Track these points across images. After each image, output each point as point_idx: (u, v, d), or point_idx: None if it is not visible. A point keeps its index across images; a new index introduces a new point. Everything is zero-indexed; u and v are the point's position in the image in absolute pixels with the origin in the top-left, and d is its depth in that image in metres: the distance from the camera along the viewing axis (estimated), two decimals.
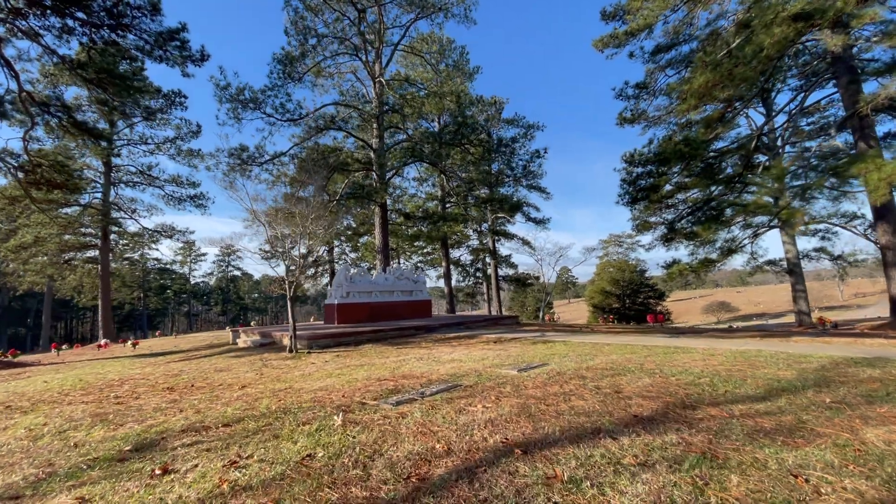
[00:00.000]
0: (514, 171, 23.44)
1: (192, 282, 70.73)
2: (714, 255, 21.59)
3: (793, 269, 23.36)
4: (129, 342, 16.68)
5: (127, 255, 50.84)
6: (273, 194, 14.19)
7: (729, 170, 20.52)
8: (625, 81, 19.96)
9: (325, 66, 20.15)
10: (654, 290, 45.33)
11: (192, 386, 6.26)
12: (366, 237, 33.01)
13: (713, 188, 19.12)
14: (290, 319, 8.65)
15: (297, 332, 10.70)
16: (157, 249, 54.99)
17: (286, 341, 10.30)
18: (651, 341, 8.74)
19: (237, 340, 12.26)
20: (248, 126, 47.91)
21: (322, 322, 16.11)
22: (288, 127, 19.20)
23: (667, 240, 23.34)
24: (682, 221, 23.13)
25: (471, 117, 21.80)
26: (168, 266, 62.69)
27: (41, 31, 15.44)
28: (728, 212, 17.55)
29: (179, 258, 64.52)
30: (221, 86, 16.11)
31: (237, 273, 74.54)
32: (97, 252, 27.51)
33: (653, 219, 24.11)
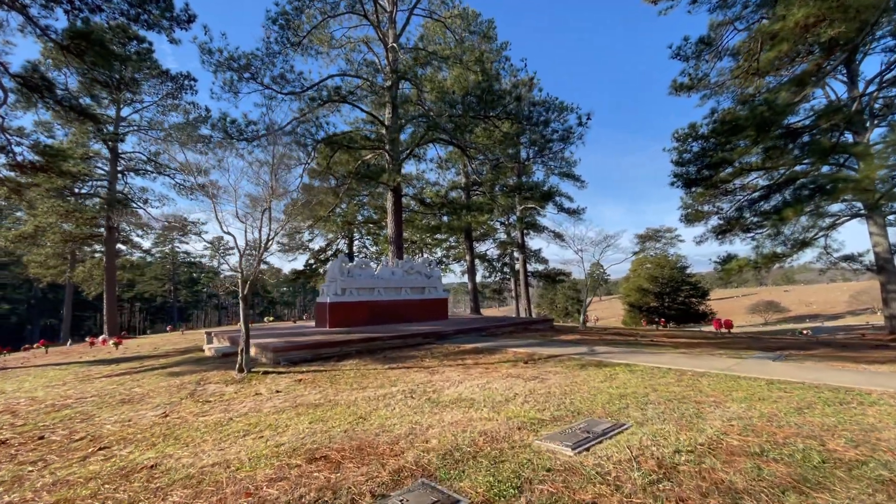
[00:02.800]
0: (551, 142, 20.21)
1: (222, 275, 70.78)
2: (780, 249, 18.31)
3: (883, 266, 19.47)
4: (111, 341, 14.95)
5: (157, 248, 50.66)
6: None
7: (796, 151, 17.06)
8: (684, 37, 16.67)
9: (332, 31, 17.76)
10: (696, 288, 41.61)
11: (40, 438, 3.92)
12: (387, 230, 30.57)
13: (797, 165, 15.66)
14: (243, 328, 6.28)
15: (268, 341, 8.37)
16: (187, 242, 54.93)
17: (253, 352, 7.98)
18: (759, 368, 5.83)
19: (205, 347, 10.08)
20: (245, 101, 46.36)
21: (313, 324, 13.79)
22: (290, 101, 16.99)
23: (722, 231, 20.24)
24: (746, 210, 19.76)
25: (498, 88, 18.88)
26: (197, 260, 62.78)
27: (27, 2, 14.08)
28: (822, 191, 14.09)
29: (209, 252, 64.47)
30: (208, 49, 13.97)
31: (264, 266, 74.15)
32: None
33: (705, 208, 20.97)
